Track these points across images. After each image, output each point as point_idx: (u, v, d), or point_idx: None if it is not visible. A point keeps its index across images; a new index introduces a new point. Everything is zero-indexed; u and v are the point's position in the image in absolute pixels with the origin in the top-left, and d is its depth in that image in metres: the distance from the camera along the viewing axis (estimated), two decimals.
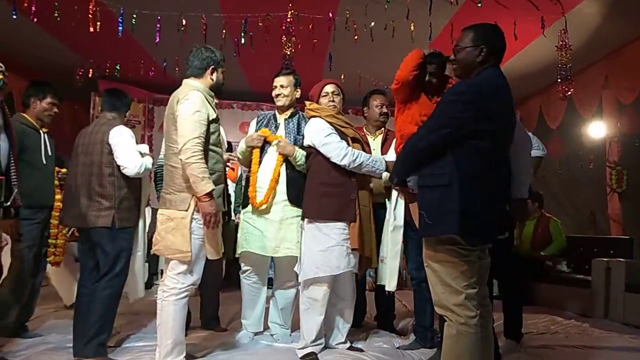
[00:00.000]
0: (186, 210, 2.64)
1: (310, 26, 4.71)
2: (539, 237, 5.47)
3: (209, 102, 2.74)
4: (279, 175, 3.21)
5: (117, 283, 2.96)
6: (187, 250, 2.62)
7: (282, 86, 3.34)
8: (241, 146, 3.38)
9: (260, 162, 3.27)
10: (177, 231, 2.64)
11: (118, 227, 2.94)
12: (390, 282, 3.07)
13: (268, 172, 3.23)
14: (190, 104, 2.64)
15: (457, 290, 2.10)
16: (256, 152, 3.29)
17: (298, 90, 3.39)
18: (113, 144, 2.96)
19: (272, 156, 3.25)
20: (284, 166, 3.23)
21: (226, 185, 3.20)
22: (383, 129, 3.76)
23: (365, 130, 3.76)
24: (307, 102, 3.26)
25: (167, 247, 2.66)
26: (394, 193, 3.09)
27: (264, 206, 3.19)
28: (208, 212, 2.60)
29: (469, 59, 2.19)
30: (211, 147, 2.73)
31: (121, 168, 2.94)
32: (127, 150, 2.96)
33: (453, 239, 2.08)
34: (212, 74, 2.81)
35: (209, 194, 2.59)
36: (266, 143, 3.28)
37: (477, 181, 2.08)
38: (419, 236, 2.26)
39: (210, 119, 2.70)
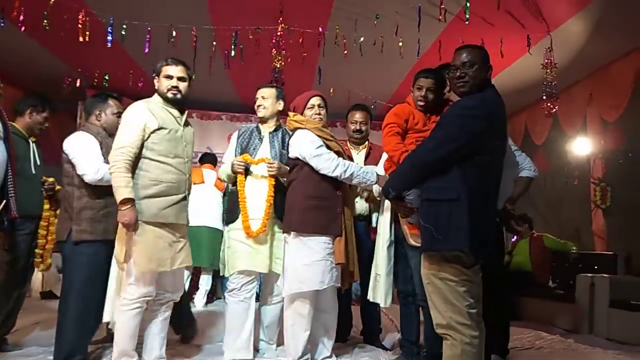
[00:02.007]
0: None
1: (300, 40, 4.74)
2: (537, 256, 5.51)
3: (152, 112, 2.70)
4: (273, 200, 3.15)
5: (78, 302, 2.81)
6: (121, 260, 2.63)
7: (263, 97, 3.30)
8: (226, 169, 3.28)
9: (245, 186, 3.20)
10: (119, 240, 2.66)
11: (76, 240, 2.82)
12: (386, 299, 3.02)
13: (260, 197, 3.15)
14: (123, 116, 2.72)
15: (460, 310, 2.08)
16: (241, 178, 3.18)
17: (280, 102, 3.32)
18: (68, 152, 2.90)
19: (259, 180, 3.19)
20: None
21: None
22: (367, 142, 3.76)
23: (348, 144, 3.76)
24: (290, 113, 3.21)
25: (114, 256, 2.72)
26: (387, 207, 3.07)
27: (261, 236, 3.14)
28: (121, 220, 2.58)
29: (482, 76, 2.20)
30: (159, 157, 2.70)
31: (82, 176, 2.85)
32: (82, 157, 2.86)
33: (457, 256, 2.08)
34: (155, 83, 2.84)
35: (124, 202, 2.56)
36: (248, 167, 3.21)
37: (482, 196, 2.10)
38: (422, 250, 2.23)
39: (153, 128, 2.67)
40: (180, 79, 2.79)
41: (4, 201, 2.39)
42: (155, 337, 2.86)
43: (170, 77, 2.78)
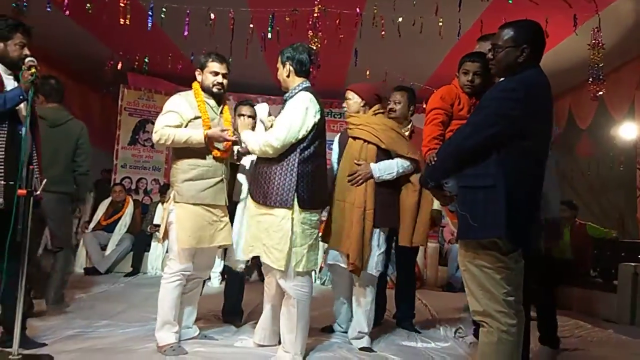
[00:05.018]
0: (167, 202, 2.93)
1: (337, 21, 4.70)
2: (578, 244, 5.34)
3: (189, 103, 2.88)
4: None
5: None
6: (160, 237, 3.02)
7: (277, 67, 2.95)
8: None
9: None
10: (161, 220, 2.99)
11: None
12: None
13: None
14: (164, 106, 2.92)
15: (497, 297, 2.04)
16: None
17: (286, 65, 2.85)
18: None
19: None
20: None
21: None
22: (411, 125, 3.69)
23: None
24: None
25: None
26: None
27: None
28: (222, 137, 2.84)
29: (509, 60, 2.10)
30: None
31: None
32: None
33: (494, 243, 2.03)
34: (198, 76, 2.97)
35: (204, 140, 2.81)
36: None
37: (521, 182, 2.01)
38: (458, 238, 2.19)
39: (190, 117, 2.85)
40: (224, 75, 2.95)
41: (44, 181, 2.58)
42: (182, 310, 3.03)
43: (216, 73, 2.92)
